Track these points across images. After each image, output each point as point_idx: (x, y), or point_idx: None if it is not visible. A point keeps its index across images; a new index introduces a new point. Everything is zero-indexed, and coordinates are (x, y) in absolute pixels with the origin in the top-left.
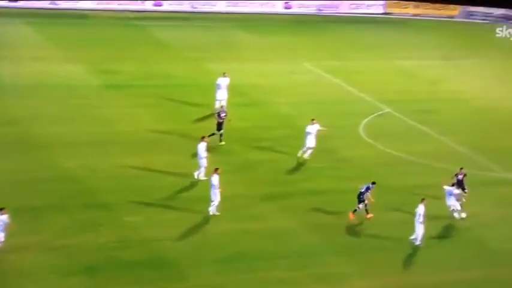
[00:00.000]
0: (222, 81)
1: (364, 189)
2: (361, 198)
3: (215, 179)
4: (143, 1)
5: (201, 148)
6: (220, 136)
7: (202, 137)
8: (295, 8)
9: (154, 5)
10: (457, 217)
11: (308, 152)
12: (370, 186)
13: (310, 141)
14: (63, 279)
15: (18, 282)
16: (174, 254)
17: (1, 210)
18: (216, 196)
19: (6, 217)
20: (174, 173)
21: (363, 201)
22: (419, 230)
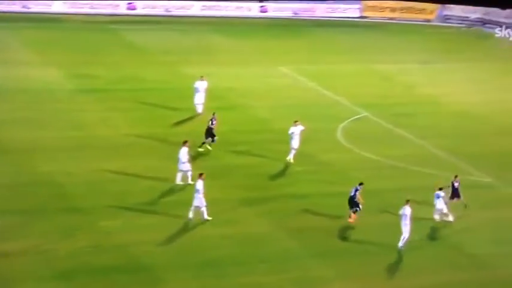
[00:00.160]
0: (200, 84)
1: (353, 193)
2: (354, 202)
3: (199, 184)
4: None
5: (183, 153)
6: (211, 142)
7: (184, 141)
8: (271, 12)
9: (128, 8)
10: (438, 219)
11: (292, 153)
12: (358, 188)
13: (294, 143)
14: (39, 285)
15: None
16: (151, 259)
17: None
18: (201, 201)
19: None
20: (151, 177)
21: (356, 204)
22: (405, 233)
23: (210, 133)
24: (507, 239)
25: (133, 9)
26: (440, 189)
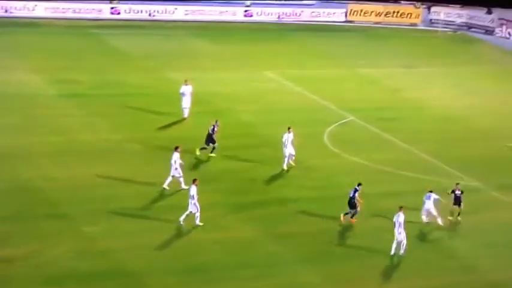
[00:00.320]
0: (186, 89)
1: (352, 194)
2: (352, 203)
3: (193, 190)
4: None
5: (175, 158)
6: (212, 149)
7: (176, 147)
8: (256, 16)
9: (111, 13)
10: (424, 220)
11: (291, 159)
12: (357, 189)
13: (289, 149)
14: None
15: None
16: (135, 264)
17: None
18: (195, 207)
19: None
20: (135, 182)
21: (355, 205)
22: (403, 239)
23: (211, 139)
24: (495, 242)
25: (117, 13)
26: (430, 191)
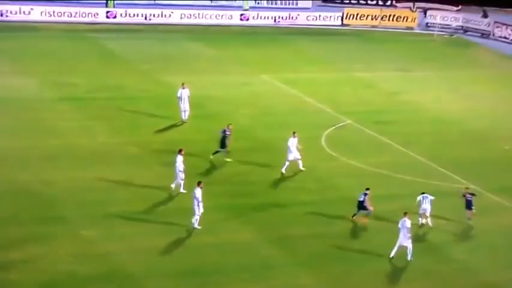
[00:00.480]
0: (183, 92)
1: (362, 198)
2: (362, 206)
3: (198, 193)
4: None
5: (179, 161)
6: (226, 153)
7: (180, 150)
8: (252, 20)
9: (107, 17)
10: (420, 221)
11: (297, 163)
12: (366, 193)
13: (295, 154)
14: None
15: None
16: (134, 267)
17: None
18: (200, 209)
19: None
20: (132, 185)
21: (366, 208)
22: (409, 244)
23: (224, 143)
24: (493, 244)
25: (113, 17)
26: (423, 193)
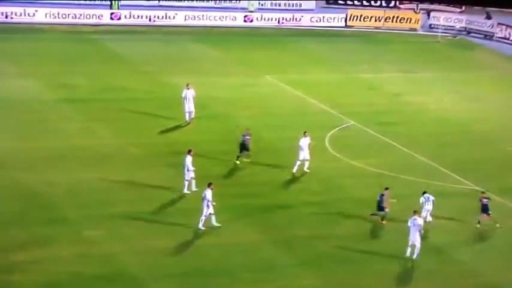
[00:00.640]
0: (188, 93)
1: (379, 198)
2: (381, 207)
3: (209, 194)
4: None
5: (188, 161)
6: (238, 156)
7: (189, 150)
8: (256, 22)
9: (112, 18)
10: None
11: (305, 164)
12: (383, 193)
13: (305, 154)
14: None
15: None
16: (137, 268)
17: None
18: (209, 209)
19: None
20: (135, 186)
21: (383, 208)
22: (418, 244)
23: (245, 147)
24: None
25: (117, 19)
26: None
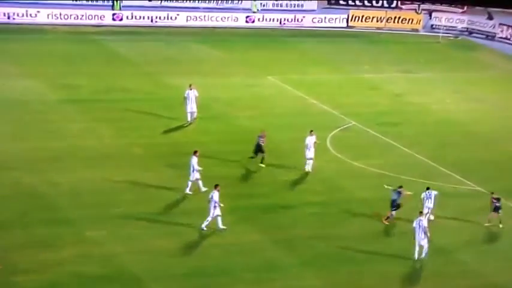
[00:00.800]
0: (191, 93)
1: (396, 196)
2: (395, 205)
3: (216, 195)
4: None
5: (194, 162)
6: (262, 159)
7: (195, 151)
8: (258, 22)
9: (113, 19)
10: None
11: (309, 164)
12: (400, 191)
13: (310, 153)
14: None
15: None
16: (139, 268)
17: None
18: (215, 211)
19: None
20: (137, 186)
21: (396, 206)
22: (425, 244)
23: (260, 149)
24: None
25: (119, 19)
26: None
